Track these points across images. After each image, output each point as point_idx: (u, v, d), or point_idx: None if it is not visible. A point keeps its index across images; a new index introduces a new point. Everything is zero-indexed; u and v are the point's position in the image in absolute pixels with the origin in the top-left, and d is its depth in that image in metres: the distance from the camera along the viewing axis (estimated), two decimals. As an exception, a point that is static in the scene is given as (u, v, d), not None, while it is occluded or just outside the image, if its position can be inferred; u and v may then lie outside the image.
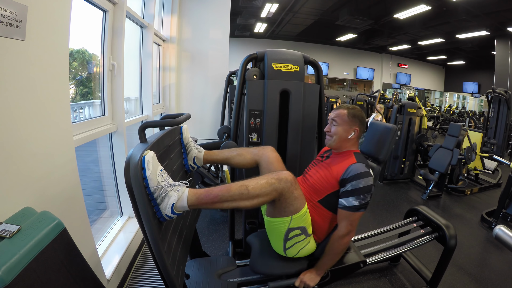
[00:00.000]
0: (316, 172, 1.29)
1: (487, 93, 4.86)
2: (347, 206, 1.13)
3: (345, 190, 1.15)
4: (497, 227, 0.88)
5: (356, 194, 1.12)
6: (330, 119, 1.30)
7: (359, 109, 1.29)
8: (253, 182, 0.95)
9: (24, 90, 0.84)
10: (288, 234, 1.13)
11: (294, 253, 1.19)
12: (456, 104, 13.37)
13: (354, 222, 1.15)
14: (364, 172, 1.14)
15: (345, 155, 1.25)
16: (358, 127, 1.26)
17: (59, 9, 0.98)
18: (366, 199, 1.13)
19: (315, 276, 1.21)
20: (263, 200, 0.96)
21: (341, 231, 1.15)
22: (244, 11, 6.18)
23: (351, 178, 1.13)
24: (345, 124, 1.25)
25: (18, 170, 0.83)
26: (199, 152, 1.28)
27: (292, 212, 1.08)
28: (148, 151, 0.82)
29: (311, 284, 1.20)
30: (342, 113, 1.26)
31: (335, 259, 1.22)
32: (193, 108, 3.26)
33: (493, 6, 5.09)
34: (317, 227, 1.21)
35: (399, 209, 2.86)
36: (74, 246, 0.85)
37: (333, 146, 1.28)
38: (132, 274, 1.67)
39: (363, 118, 1.29)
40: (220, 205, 0.93)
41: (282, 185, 0.98)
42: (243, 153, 1.29)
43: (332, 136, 1.27)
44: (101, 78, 1.66)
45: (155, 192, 0.83)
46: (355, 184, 1.12)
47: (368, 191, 1.13)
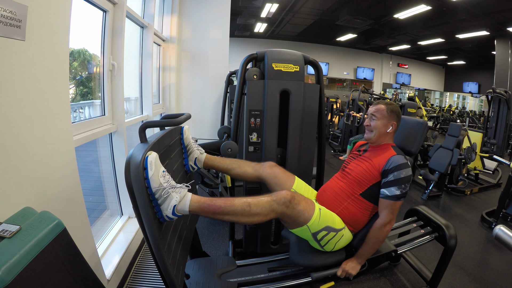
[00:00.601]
0: (357, 166, 1.33)
1: (487, 93, 4.86)
2: (389, 195, 1.20)
3: (387, 180, 1.21)
4: (497, 227, 0.88)
5: (398, 183, 1.19)
6: (370, 114, 1.36)
7: (396, 105, 1.36)
8: (256, 201, 1.00)
9: (24, 90, 0.84)
10: (315, 237, 1.19)
11: (332, 248, 1.25)
12: (456, 104, 13.37)
13: (395, 211, 1.23)
14: (404, 163, 1.20)
15: (383, 148, 1.32)
16: (395, 121, 1.34)
17: (59, 9, 0.98)
18: (406, 188, 1.20)
19: (356, 264, 1.27)
20: (262, 219, 1.01)
21: (383, 219, 1.22)
22: (244, 11, 6.18)
23: (393, 169, 1.20)
24: (384, 118, 1.32)
25: (18, 170, 0.83)
26: (201, 154, 1.29)
27: (304, 223, 1.14)
28: (151, 152, 0.83)
29: (353, 273, 1.26)
30: (381, 108, 1.33)
31: (375, 248, 1.27)
32: (193, 108, 3.26)
33: (493, 6, 5.09)
34: (356, 219, 1.28)
35: (399, 209, 2.85)
36: (74, 246, 0.85)
37: (373, 139, 1.34)
38: (132, 274, 1.67)
39: (400, 114, 1.36)
40: (220, 217, 0.96)
41: (280, 207, 1.04)
42: (244, 167, 1.35)
43: (372, 130, 1.34)
44: (101, 78, 1.66)
45: (157, 193, 0.83)
46: (397, 175, 1.19)
47: (408, 181, 1.20)
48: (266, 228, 1.72)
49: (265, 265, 1.46)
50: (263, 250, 1.75)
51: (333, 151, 5.29)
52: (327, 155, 4.89)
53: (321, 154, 1.81)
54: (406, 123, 1.53)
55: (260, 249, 1.75)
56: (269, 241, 1.76)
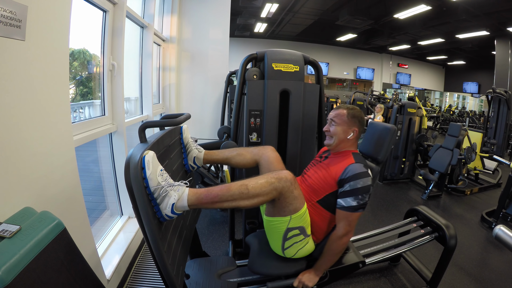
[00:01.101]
0: (314, 173, 1.29)
1: (487, 93, 4.86)
2: (346, 206, 1.13)
3: (343, 190, 1.15)
4: (497, 227, 0.88)
5: (354, 194, 1.12)
6: (329, 119, 1.30)
7: (359, 110, 1.29)
8: (253, 182, 0.95)
9: (24, 90, 0.84)
10: (287, 234, 1.13)
11: (293, 254, 1.19)
12: (456, 104, 13.37)
13: (353, 223, 1.15)
14: (362, 172, 1.13)
15: (343, 156, 1.25)
16: (357, 127, 1.27)
17: (59, 9, 0.98)
18: (365, 199, 1.13)
19: (313, 276, 1.21)
20: (263, 200, 0.96)
21: (340, 231, 1.15)
22: (244, 11, 6.18)
23: (349, 178, 1.13)
24: (344, 124, 1.26)
25: (18, 170, 0.83)
26: (199, 152, 1.28)
27: (291, 212, 1.08)
28: (148, 151, 0.82)
29: (310, 284, 1.20)
30: (341, 113, 1.27)
31: (333, 260, 1.21)
32: (193, 108, 3.26)
33: (493, 6, 5.09)
34: (316, 227, 1.21)
35: (399, 209, 2.86)
36: (74, 246, 0.85)
37: (332, 146, 1.28)
38: (132, 274, 1.67)
39: (362, 119, 1.29)
40: (220, 205, 0.93)
41: (282, 185, 0.98)
42: (243, 153, 1.29)
43: (332, 136, 1.27)
44: (101, 78, 1.66)
45: (155, 192, 0.83)
46: (353, 185, 1.12)
47: (366, 191, 1.13)
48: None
49: (265, 265, 1.46)
50: (263, 250, 1.75)
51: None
52: (327, 155, 4.87)
53: (321, 154, 1.81)
54: (374, 129, 1.46)
55: (260, 249, 1.75)
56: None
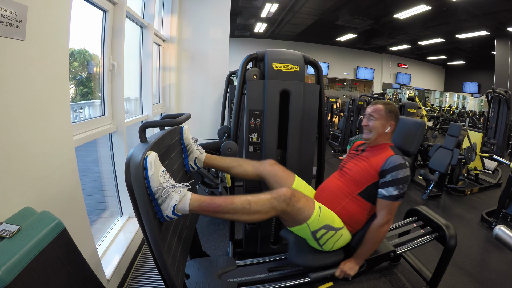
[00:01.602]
0: (354, 165, 1.33)
1: (487, 93, 4.86)
2: (387, 195, 1.20)
3: (385, 180, 1.21)
4: (497, 227, 0.88)
5: (396, 184, 1.18)
6: (367, 114, 1.36)
7: (394, 105, 1.37)
8: (256, 198, 0.99)
9: (24, 90, 0.84)
10: (315, 235, 1.18)
11: (330, 247, 1.24)
12: (456, 104, 13.37)
13: (393, 211, 1.22)
14: (402, 164, 1.20)
15: (381, 148, 1.31)
16: (394, 121, 1.34)
17: (59, 9, 0.98)
18: (404, 188, 1.20)
19: (354, 265, 1.27)
20: (263, 217, 1.01)
21: (381, 220, 1.21)
22: (244, 11, 6.18)
23: (391, 169, 1.19)
24: (382, 118, 1.32)
25: (18, 170, 0.83)
26: (201, 153, 1.28)
27: (303, 220, 1.13)
28: (150, 152, 0.82)
29: (351, 273, 1.25)
30: (379, 108, 1.33)
31: (374, 248, 1.28)
32: (193, 108, 3.26)
33: (493, 6, 5.09)
34: (354, 218, 1.27)
35: (399, 209, 2.81)
36: (74, 246, 0.85)
37: (371, 140, 1.34)
38: (132, 274, 1.67)
39: (398, 114, 1.36)
40: (221, 215, 0.95)
41: (280, 205, 1.03)
42: (244, 165, 1.34)
43: (371, 130, 1.33)
44: (101, 78, 1.66)
45: (157, 193, 0.83)
46: (395, 175, 1.18)
47: (406, 181, 1.19)
48: (266, 228, 1.72)
49: (265, 265, 1.46)
50: (263, 250, 1.75)
51: (333, 151, 5.29)
52: (327, 155, 4.90)
53: (321, 154, 1.81)
54: (405, 123, 1.53)
55: (260, 249, 1.75)
56: (269, 241, 1.76)
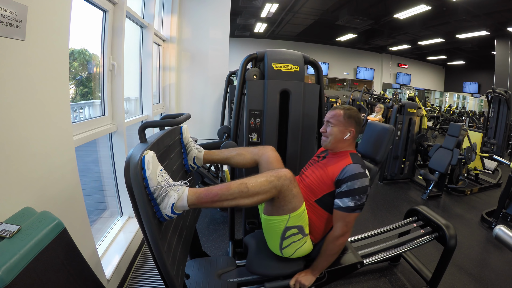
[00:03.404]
0: (312, 173, 1.29)
1: (487, 93, 4.86)
2: (343, 207, 1.13)
3: (340, 191, 1.14)
4: (497, 227, 0.88)
5: (351, 195, 1.12)
6: (326, 120, 1.30)
7: (356, 110, 1.29)
8: (253, 180, 0.95)
9: (24, 90, 0.84)
10: (285, 233, 1.13)
11: (291, 253, 1.19)
12: (456, 104, 13.37)
13: (350, 223, 1.15)
14: (359, 173, 1.13)
15: (341, 156, 1.25)
16: (354, 128, 1.26)
17: (59, 9, 0.98)
18: (362, 200, 1.13)
19: (310, 276, 1.21)
20: (263, 198, 0.96)
21: (336, 232, 1.15)
22: (244, 11, 6.18)
23: (346, 178, 1.13)
24: (340, 124, 1.26)
25: (18, 170, 0.83)
26: (199, 152, 1.28)
27: (290, 210, 1.08)
28: (148, 151, 0.82)
29: (306, 284, 1.20)
30: (338, 113, 1.27)
31: (330, 260, 1.21)
32: (193, 108, 3.26)
33: (493, 6, 5.09)
34: (314, 227, 1.21)
35: (399, 209, 2.86)
36: (74, 246, 0.85)
37: (329, 146, 1.28)
38: (132, 274, 1.67)
39: (359, 119, 1.29)
40: (220, 204, 0.93)
41: (281, 183, 0.98)
42: (243, 153, 1.29)
43: (328, 136, 1.27)
44: (101, 78, 1.66)
45: (155, 192, 0.83)
46: (351, 185, 1.12)
47: (363, 192, 1.12)
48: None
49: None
50: (263, 250, 1.75)
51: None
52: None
53: (321, 154, 1.81)
54: (373, 129, 1.46)
55: (260, 249, 1.75)
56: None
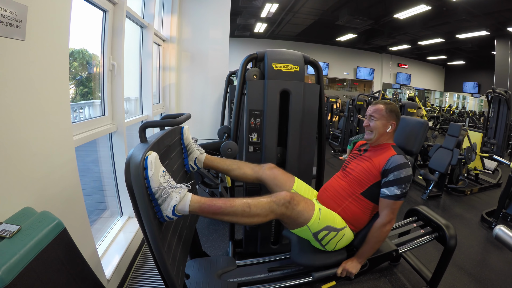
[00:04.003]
0: (357, 165, 1.34)
1: (487, 93, 4.85)
2: (390, 195, 1.20)
3: (387, 180, 1.21)
4: (497, 227, 0.88)
5: (398, 183, 1.19)
6: (368, 115, 1.37)
7: (395, 105, 1.36)
8: (256, 202, 1.00)
9: (24, 90, 0.84)
10: (316, 236, 1.19)
11: (333, 247, 1.25)
12: (456, 104, 13.37)
13: (395, 211, 1.22)
14: (404, 163, 1.20)
15: (384, 148, 1.32)
16: (395, 121, 1.34)
17: (59, 9, 0.98)
18: (407, 188, 1.20)
19: (356, 264, 1.27)
20: (262, 220, 1.01)
21: (384, 219, 1.22)
22: (244, 11, 6.18)
23: (393, 168, 1.20)
24: (383, 118, 1.32)
25: (18, 170, 0.83)
26: (201, 154, 1.29)
27: (304, 223, 1.14)
28: (151, 152, 0.83)
29: (354, 272, 1.26)
30: (380, 108, 1.34)
31: (376, 247, 1.27)
32: (193, 108, 3.26)
33: (493, 6, 5.09)
34: (357, 218, 1.28)
35: (399, 209, 2.85)
36: (74, 246, 0.85)
37: (373, 140, 1.34)
38: (132, 274, 1.67)
39: (399, 113, 1.36)
40: (220, 217, 0.96)
41: (280, 208, 1.04)
42: (244, 168, 1.34)
43: (372, 131, 1.34)
44: (101, 78, 1.66)
45: (157, 193, 0.83)
46: (397, 174, 1.19)
47: (408, 180, 1.20)
48: (266, 228, 1.72)
49: (265, 265, 1.46)
50: (263, 250, 1.75)
51: (333, 151, 5.29)
52: (327, 155, 4.90)
53: (321, 154, 1.81)
54: (407, 123, 1.53)
55: (260, 249, 1.75)
56: (269, 241, 1.76)
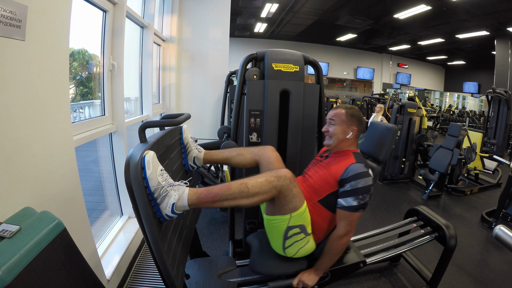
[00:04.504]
0: (315, 172, 1.28)
1: (487, 93, 4.86)
2: (346, 206, 1.13)
3: (344, 190, 1.14)
4: (497, 227, 0.88)
5: (355, 194, 1.12)
6: (328, 119, 1.29)
7: (357, 109, 1.29)
8: (253, 180, 0.95)
9: (24, 90, 0.84)
10: (287, 232, 1.13)
11: (293, 253, 1.19)
12: (456, 104, 13.37)
13: (353, 223, 1.15)
14: (363, 172, 1.13)
15: (344, 155, 1.24)
16: (356, 126, 1.26)
17: (59, 9, 0.98)
18: (365, 199, 1.12)
19: (313, 276, 1.21)
20: (263, 198, 0.96)
21: (340, 231, 1.15)
22: (244, 11, 6.18)
23: (350, 178, 1.13)
24: (343, 124, 1.25)
25: (18, 170, 0.83)
26: (199, 152, 1.28)
27: (291, 210, 1.08)
28: (148, 151, 0.82)
29: (310, 284, 1.19)
30: (340, 112, 1.26)
31: (333, 259, 1.21)
32: (193, 108, 3.26)
33: (493, 6, 5.09)
34: (317, 226, 1.21)
35: (399, 209, 2.86)
36: (74, 246, 0.85)
37: (332, 146, 1.28)
38: (132, 274, 1.67)
39: (361, 118, 1.28)
40: (220, 204, 0.93)
41: (281, 183, 0.98)
42: (243, 153, 1.29)
43: (331, 136, 1.27)
44: (101, 78, 1.66)
45: (155, 192, 0.83)
46: (354, 184, 1.12)
47: (367, 191, 1.12)
48: (266, 228, 1.72)
49: (265, 265, 1.46)
50: (263, 250, 1.74)
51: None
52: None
53: (321, 154, 1.81)
54: (375, 129, 1.46)
55: (260, 249, 1.75)
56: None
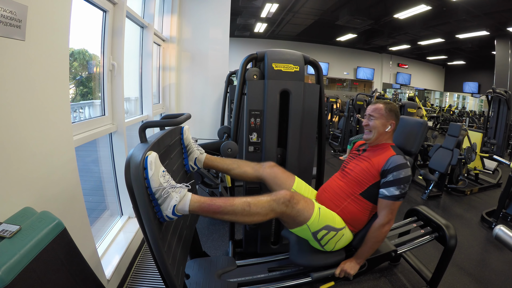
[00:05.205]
0: (356, 165, 1.33)
1: (487, 93, 4.86)
2: (389, 195, 1.20)
3: (386, 180, 1.21)
4: (497, 227, 0.88)
5: (397, 184, 1.19)
6: (368, 114, 1.36)
7: (395, 104, 1.36)
8: (255, 200, 1.00)
9: (24, 90, 0.84)
10: (315, 236, 1.18)
11: (332, 247, 1.25)
12: (456, 104, 13.37)
13: (394, 211, 1.22)
14: (403, 163, 1.20)
15: (383, 148, 1.32)
16: (394, 120, 1.34)
17: (59, 9, 0.98)
18: (406, 188, 1.20)
19: (354, 264, 1.27)
20: (261, 219, 1.01)
21: (382, 219, 1.22)
22: (244, 11, 6.18)
23: (392, 169, 1.20)
24: (382, 118, 1.32)
25: (18, 170, 0.83)
26: (201, 154, 1.29)
27: (303, 222, 1.14)
28: (151, 152, 0.83)
29: (352, 273, 1.26)
30: (379, 107, 1.34)
31: (375, 248, 1.27)
32: (193, 108, 3.26)
33: (493, 6, 5.09)
34: (356, 219, 1.28)
35: (399, 209, 2.84)
36: (74, 246, 0.85)
37: (372, 139, 1.34)
38: (132, 274, 1.67)
39: (398, 113, 1.36)
40: (220, 216, 0.96)
41: (280, 207, 1.04)
42: (244, 167, 1.34)
43: (371, 130, 1.34)
44: (101, 78, 1.66)
45: (157, 193, 0.83)
46: (396, 175, 1.19)
47: (407, 181, 1.19)
48: (266, 228, 1.72)
49: (265, 265, 1.46)
50: (263, 250, 1.75)
51: (333, 151, 5.29)
52: (327, 155, 4.90)
53: (321, 154, 1.81)
54: (406, 123, 1.53)
55: (260, 249, 1.75)
56: (269, 241, 1.76)
